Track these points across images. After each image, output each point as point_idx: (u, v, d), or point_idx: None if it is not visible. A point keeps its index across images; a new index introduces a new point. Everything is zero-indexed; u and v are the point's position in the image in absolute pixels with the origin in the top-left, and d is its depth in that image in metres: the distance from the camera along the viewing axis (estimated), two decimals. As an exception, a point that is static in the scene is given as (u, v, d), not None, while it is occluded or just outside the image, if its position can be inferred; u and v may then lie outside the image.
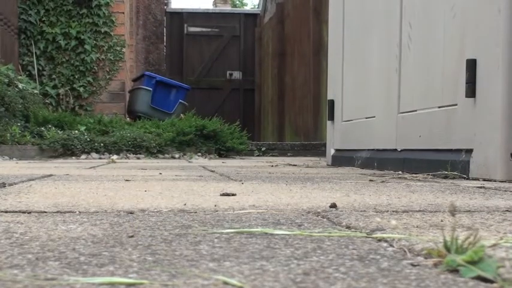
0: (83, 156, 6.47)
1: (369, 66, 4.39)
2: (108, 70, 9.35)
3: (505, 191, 2.20)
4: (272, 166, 4.70)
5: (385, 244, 1.03)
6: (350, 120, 4.78)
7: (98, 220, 1.32)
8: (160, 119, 8.28)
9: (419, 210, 1.53)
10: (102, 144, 6.67)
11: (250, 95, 15.49)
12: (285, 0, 12.47)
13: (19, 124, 6.81)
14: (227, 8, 17.95)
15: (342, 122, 4.94)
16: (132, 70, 12.25)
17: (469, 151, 2.99)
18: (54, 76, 9.16)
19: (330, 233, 1.14)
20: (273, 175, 3.28)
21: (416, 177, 3.05)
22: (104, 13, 9.24)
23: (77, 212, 1.46)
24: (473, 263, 0.79)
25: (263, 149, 8.64)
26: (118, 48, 9.38)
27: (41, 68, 9.13)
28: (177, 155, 6.99)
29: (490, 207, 1.63)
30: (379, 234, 1.10)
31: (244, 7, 27.07)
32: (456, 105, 3.13)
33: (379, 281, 0.76)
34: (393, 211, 1.52)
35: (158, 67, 14.85)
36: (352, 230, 1.20)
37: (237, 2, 27.20)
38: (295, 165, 4.82)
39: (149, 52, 14.98)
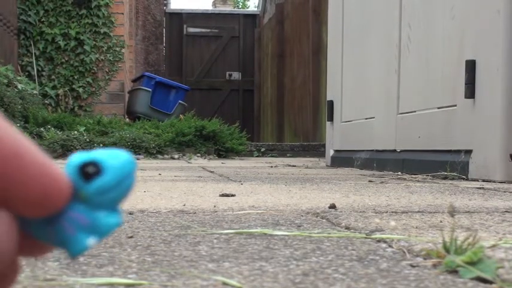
0: (82, 157, 6.46)
1: (368, 67, 4.40)
2: (107, 71, 9.34)
3: (504, 191, 2.20)
4: (271, 167, 4.70)
5: (384, 245, 1.03)
6: (349, 120, 4.78)
7: (97, 221, 1.32)
8: (160, 119, 8.27)
9: (419, 211, 1.53)
10: (101, 145, 6.67)
11: (249, 95, 15.49)
12: (284, 1, 12.47)
13: (18, 125, 6.81)
14: (226, 9, 17.95)
15: (341, 123, 4.94)
16: (132, 71, 12.25)
17: (469, 152, 2.99)
18: (53, 77, 9.16)
19: (329, 233, 1.14)
20: (272, 176, 3.28)
21: (415, 178, 3.05)
22: (103, 14, 9.24)
23: (76, 213, 1.46)
24: (472, 263, 0.79)
25: (262, 149, 8.63)
26: (117, 49, 9.38)
27: (40, 69, 9.13)
28: (176, 156, 6.99)
29: (489, 208, 1.63)
30: (378, 235, 1.10)
31: (246, 8, 27.01)
32: (455, 106, 3.13)
33: (378, 282, 0.76)
34: (392, 212, 1.52)
35: (157, 68, 14.85)
36: (352, 230, 1.20)
37: (240, 3, 27.14)
38: (295, 166, 4.82)
39: (148, 53, 14.98)
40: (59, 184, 0.35)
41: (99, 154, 0.37)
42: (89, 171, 0.36)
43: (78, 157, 0.37)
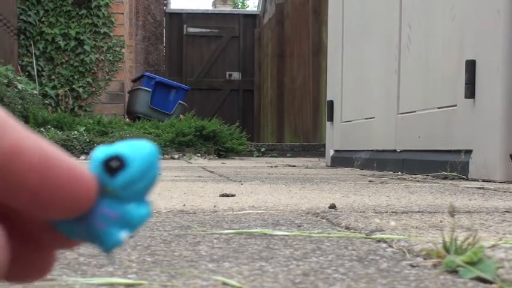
0: (82, 157, 6.47)
1: (368, 67, 4.40)
2: (107, 71, 9.34)
3: (504, 191, 2.20)
4: (271, 167, 4.70)
5: (384, 245, 1.03)
6: (349, 121, 4.78)
7: (97, 221, 1.32)
8: (160, 119, 8.27)
9: (419, 211, 1.53)
10: (101, 145, 6.67)
11: (249, 95, 15.49)
12: (284, 1, 12.47)
13: (18, 125, 6.79)
14: (226, 9, 17.95)
15: (341, 123, 4.94)
16: (132, 71, 12.25)
17: (469, 152, 2.99)
18: (53, 77, 9.16)
19: (329, 233, 1.14)
20: (272, 176, 3.28)
21: (415, 178, 3.05)
22: (103, 14, 9.24)
23: (76, 213, 1.46)
24: (472, 263, 0.79)
25: (262, 149, 8.63)
26: (117, 49, 9.38)
27: (40, 69, 9.13)
28: (176, 156, 6.99)
29: (489, 208, 1.63)
30: (378, 235, 1.10)
31: (246, 8, 26.99)
32: (455, 106, 3.13)
33: (378, 282, 0.76)
34: (392, 212, 1.52)
35: (158, 68, 14.85)
36: (352, 230, 1.20)
37: (239, 3, 27.12)
38: (295, 166, 4.82)
39: (148, 53, 14.98)
40: (87, 185, 0.35)
41: (121, 147, 0.37)
42: (112, 166, 0.36)
43: (101, 152, 0.37)
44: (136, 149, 0.37)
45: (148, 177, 0.37)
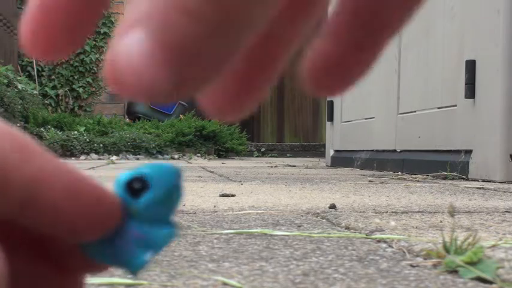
0: (82, 157, 6.47)
1: (368, 67, 4.39)
2: (107, 71, 9.33)
3: (504, 191, 2.20)
4: (271, 167, 4.70)
5: (384, 245, 1.03)
6: (349, 121, 4.78)
7: (97, 221, 1.31)
8: (160, 119, 8.28)
9: (419, 211, 1.53)
10: (101, 145, 6.67)
11: (249, 95, 15.49)
12: (284, 1, 12.48)
13: (18, 125, 6.80)
14: (226, 9, 17.94)
15: (341, 123, 4.94)
16: (132, 71, 12.24)
17: (469, 152, 3.00)
18: (53, 77, 9.16)
19: (329, 233, 1.14)
20: (272, 176, 3.28)
21: (415, 178, 3.05)
22: (103, 14, 9.24)
23: (76, 213, 1.46)
24: (472, 263, 0.79)
25: (262, 149, 8.64)
26: (117, 49, 9.37)
27: (40, 69, 9.13)
28: (176, 156, 6.99)
29: (489, 208, 1.63)
30: (378, 235, 1.10)
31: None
32: (455, 106, 3.13)
33: (378, 282, 0.76)
34: (392, 212, 1.52)
35: (157, 68, 14.86)
36: (352, 230, 1.20)
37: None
38: (295, 166, 4.82)
39: (148, 53, 14.99)
40: (112, 207, 0.35)
41: (144, 169, 0.37)
42: (135, 187, 0.36)
43: (125, 174, 0.37)
44: (159, 170, 0.37)
45: (172, 198, 0.37)
